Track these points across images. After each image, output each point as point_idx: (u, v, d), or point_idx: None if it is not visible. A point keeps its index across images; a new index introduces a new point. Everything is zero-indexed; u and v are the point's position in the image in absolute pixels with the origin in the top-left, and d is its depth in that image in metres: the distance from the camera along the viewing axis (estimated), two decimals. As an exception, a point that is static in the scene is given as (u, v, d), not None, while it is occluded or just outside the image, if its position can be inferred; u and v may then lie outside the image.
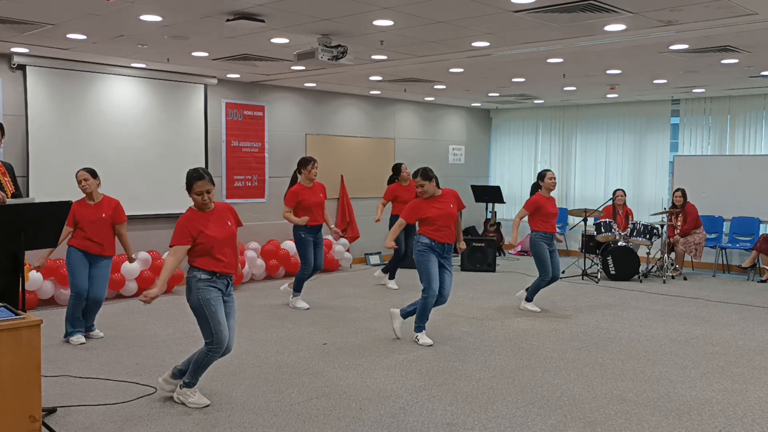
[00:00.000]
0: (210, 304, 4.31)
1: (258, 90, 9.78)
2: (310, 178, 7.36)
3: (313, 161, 7.38)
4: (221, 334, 4.34)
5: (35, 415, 3.37)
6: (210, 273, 4.34)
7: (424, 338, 6.06)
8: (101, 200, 5.99)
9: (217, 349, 4.37)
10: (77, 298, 5.92)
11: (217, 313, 4.33)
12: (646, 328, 6.76)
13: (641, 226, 9.68)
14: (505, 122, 13.50)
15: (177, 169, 8.74)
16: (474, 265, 10.36)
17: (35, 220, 4.00)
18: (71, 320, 5.99)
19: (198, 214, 4.38)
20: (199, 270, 4.33)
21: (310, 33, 6.17)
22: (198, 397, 4.49)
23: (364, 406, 4.49)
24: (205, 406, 4.46)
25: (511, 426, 4.15)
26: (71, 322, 6.00)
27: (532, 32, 6.09)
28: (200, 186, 4.31)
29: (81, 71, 7.94)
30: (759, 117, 10.58)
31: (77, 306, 5.95)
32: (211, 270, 4.33)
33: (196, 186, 4.32)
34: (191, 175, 4.37)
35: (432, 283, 5.91)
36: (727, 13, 5.33)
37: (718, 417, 4.33)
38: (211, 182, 4.36)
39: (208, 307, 4.31)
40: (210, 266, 4.33)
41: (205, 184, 4.32)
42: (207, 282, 4.33)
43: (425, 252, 5.93)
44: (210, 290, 4.32)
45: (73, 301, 5.94)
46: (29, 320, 3.38)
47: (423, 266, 5.94)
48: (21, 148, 7.58)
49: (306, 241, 7.37)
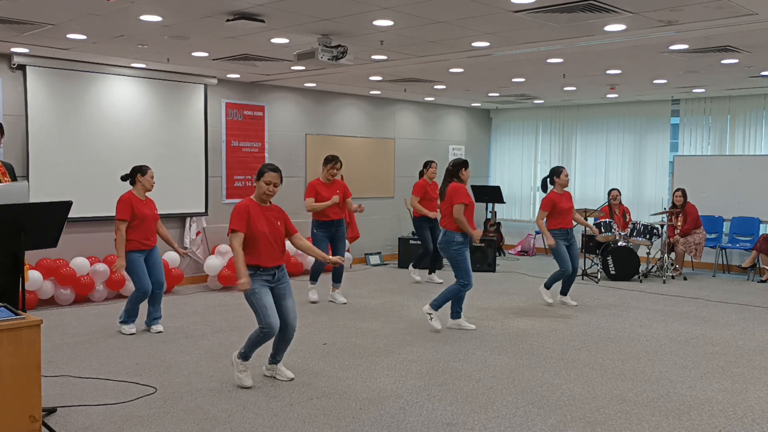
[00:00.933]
0: (255, 293, 4.60)
1: (258, 90, 9.78)
2: (327, 177, 7.56)
3: (334, 162, 7.56)
4: (269, 318, 4.61)
5: (35, 415, 3.37)
6: (254, 267, 4.61)
7: (436, 322, 6.44)
8: (147, 198, 6.37)
9: (267, 332, 4.65)
10: (142, 295, 6.27)
11: (262, 300, 4.61)
12: (646, 328, 6.76)
13: (641, 226, 9.68)
14: (505, 122, 13.50)
15: (177, 169, 8.76)
16: (474, 265, 10.30)
17: (35, 220, 3.99)
18: (130, 311, 6.35)
19: (255, 205, 4.68)
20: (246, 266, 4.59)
21: (310, 33, 6.17)
22: (244, 376, 4.82)
23: (364, 406, 4.49)
24: (247, 387, 4.77)
25: (511, 426, 4.15)
26: (129, 313, 6.36)
27: (532, 32, 6.09)
28: (271, 177, 4.67)
29: (81, 71, 7.94)
30: (759, 117, 10.58)
31: (139, 301, 6.32)
32: (254, 264, 4.61)
33: (267, 175, 4.66)
34: (266, 165, 4.75)
35: (471, 278, 6.35)
36: (727, 13, 5.33)
37: (718, 417, 4.33)
38: (281, 179, 4.72)
39: (254, 296, 4.61)
40: (253, 260, 4.61)
41: (276, 177, 4.68)
42: (251, 276, 4.58)
43: (460, 250, 6.34)
44: (254, 281, 4.59)
45: (137, 298, 6.29)
46: (29, 320, 3.38)
47: (463, 264, 6.33)
48: (21, 148, 7.58)
49: (318, 237, 7.59)
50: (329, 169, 7.52)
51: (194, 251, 9.03)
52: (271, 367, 5.04)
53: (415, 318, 7.08)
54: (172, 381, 4.98)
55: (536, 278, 9.70)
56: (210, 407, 4.44)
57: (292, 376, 5.02)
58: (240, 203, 4.68)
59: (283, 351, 4.98)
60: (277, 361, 5.02)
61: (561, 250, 7.43)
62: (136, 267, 6.20)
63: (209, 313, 7.34)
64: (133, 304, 6.33)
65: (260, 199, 4.72)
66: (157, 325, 6.47)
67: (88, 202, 7.90)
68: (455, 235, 6.30)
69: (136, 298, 6.29)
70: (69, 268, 7.55)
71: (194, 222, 9.01)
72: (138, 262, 6.21)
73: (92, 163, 8.07)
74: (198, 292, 8.55)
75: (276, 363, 5.02)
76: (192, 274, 9.08)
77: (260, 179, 4.68)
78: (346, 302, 7.81)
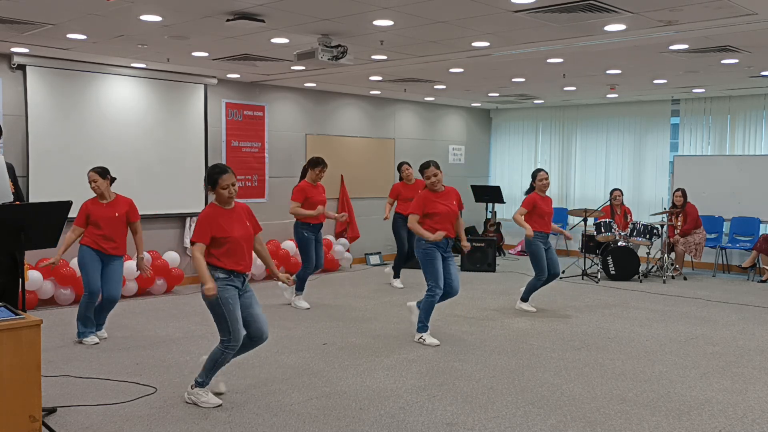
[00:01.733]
0: (228, 302, 4.34)
1: (258, 90, 9.78)
2: (314, 179, 7.48)
3: (323, 165, 7.49)
4: (238, 333, 4.37)
5: (35, 415, 3.37)
6: (228, 272, 4.37)
7: (430, 338, 6.07)
8: (114, 199, 6.01)
9: (234, 346, 4.40)
10: (90, 297, 5.87)
11: (234, 311, 4.36)
12: (646, 328, 6.76)
13: (641, 226, 9.68)
14: (505, 122, 13.50)
15: (177, 169, 8.76)
16: (474, 265, 10.36)
17: (35, 220, 3.99)
18: (83, 320, 5.94)
19: (220, 211, 4.43)
20: (218, 269, 4.37)
21: (310, 33, 6.17)
22: (210, 397, 4.50)
23: (364, 406, 4.49)
24: (217, 405, 4.46)
25: (511, 426, 4.15)
26: (83, 322, 5.95)
27: (532, 32, 6.09)
28: (226, 180, 4.39)
29: (81, 71, 7.94)
30: (759, 117, 10.58)
31: (90, 305, 5.91)
32: (230, 269, 4.37)
33: (221, 180, 4.38)
34: (214, 170, 4.43)
35: (438, 280, 5.94)
36: (727, 13, 5.33)
37: (718, 417, 4.33)
38: (234, 175, 4.44)
39: (226, 305, 4.34)
40: (229, 265, 4.37)
41: (230, 177, 4.40)
42: (225, 281, 4.36)
43: (429, 250, 5.96)
44: (228, 288, 4.35)
45: (86, 301, 5.89)
46: (29, 320, 3.38)
47: (428, 265, 5.96)
48: (21, 148, 7.58)
49: (309, 240, 7.47)
50: (318, 172, 7.45)
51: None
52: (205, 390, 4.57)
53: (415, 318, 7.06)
54: (172, 381, 4.98)
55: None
56: (210, 407, 4.44)
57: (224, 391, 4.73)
58: (204, 211, 4.43)
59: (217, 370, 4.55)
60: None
61: (540, 254, 7.21)
62: (87, 264, 5.82)
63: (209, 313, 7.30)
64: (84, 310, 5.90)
65: (224, 204, 4.46)
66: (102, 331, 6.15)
67: (88, 202, 7.90)
68: None
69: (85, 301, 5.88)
70: (69, 268, 7.55)
71: (194, 222, 9.00)
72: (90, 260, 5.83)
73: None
74: (198, 292, 8.52)
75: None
76: (192, 274, 9.07)
77: (216, 187, 4.39)
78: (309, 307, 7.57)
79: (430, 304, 6.03)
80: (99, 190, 5.91)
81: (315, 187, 7.48)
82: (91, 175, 5.92)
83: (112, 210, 5.94)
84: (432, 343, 6.02)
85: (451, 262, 6.09)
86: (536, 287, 7.43)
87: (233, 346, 4.40)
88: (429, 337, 6.08)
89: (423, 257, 5.98)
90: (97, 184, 5.90)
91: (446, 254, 6.05)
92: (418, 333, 6.12)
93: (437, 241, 5.91)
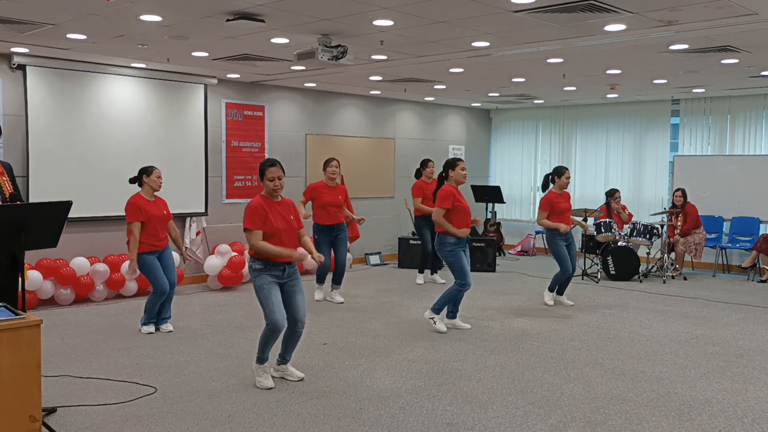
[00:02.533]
0: (263, 289, 4.66)
1: (258, 90, 9.78)
2: (330, 178, 7.64)
3: (331, 161, 7.67)
4: (274, 314, 4.65)
5: (35, 415, 3.37)
6: (264, 262, 4.65)
7: (441, 324, 6.45)
8: (156, 198, 6.40)
9: (275, 329, 4.69)
10: (160, 295, 6.27)
11: (269, 297, 4.66)
12: (646, 328, 6.76)
13: (641, 226, 9.68)
14: (505, 122, 13.50)
15: (177, 169, 8.76)
16: (474, 265, 10.34)
17: (35, 220, 3.99)
18: (149, 311, 6.36)
19: (267, 202, 4.70)
20: (256, 260, 4.68)
21: (310, 33, 6.17)
22: (264, 378, 4.84)
23: (364, 406, 4.49)
24: (269, 388, 4.78)
25: (511, 426, 4.15)
26: (149, 313, 6.36)
27: (532, 32, 6.09)
28: (273, 172, 4.68)
29: (81, 71, 7.94)
30: (759, 117, 10.58)
31: (158, 301, 6.31)
32: (263, 259, 4.65)
33: (269, 172, 4.67)
34: (264, 163, 4.75)
35: (467, 277, 6.33)
36: (727, 13, 5.32)
37: (718, 417, 4.33)
38: (282, 170, 4.73)
39: (262, 292, 4.67)
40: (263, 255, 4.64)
41: (278, 171, 4.69)
42: (260, 271, 4.67)
43: (454, 250, 6.30)
44: (263, 276, 4.66)
45: (156, 298, 6.29)
46: (29, 320, 3.38)
47: (456, 263, 6.30)
48: (21, 148, 7.58)
49: (319, 242, 7.67)
50: (326, 168, 7.63)
51: (194, 251, 9.03)
52: (280, 367, 5.03)
53: (415, 318, 7.08)
54: (172, 381, 4.98)
55: (536, 278, 9.71)
56: (210, 407, 4.45)
57: (301, 376, 5.03)
58: (253, 202, 4.70)
59: (291, 349, 4.99)
60: (286, 360, 5.02)
61: (561, 251, 7.44)
62: (152, 269, 6.24)
63: (209, 313, 7.34)
64: (152, 304, 6.33)
65: (271, 196, 4.74)
66: (167, 324, 6.49)
67: (88, 202, 7.91)
68: (447, 237, 6.27)
69: (154, 298, 6.30)
70: (69, 268, 7.55)
71: (194, 222, 9.01)
72: (153, 264, 6.25)
73: (92, 163, 8.07)
74: (198, 292, 8.55)
75: (285, 363, 5.03)
76: (192, 274, 9.08)
77: (264, 178, 4.71)
78: (343, 301, 7.83)
79: (454, 295, 6.42)
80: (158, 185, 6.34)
81: (330, 188, 7.63)
82: (159, 171, 6.41)
83: (161, 208, 6.37)
84: (440, 329, 6.40)
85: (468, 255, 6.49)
86: (560, 281, 7.67)
87: (272, 328, 4.70)
88: (440, 322, 6.43)
89: (450, 257, 6.31)
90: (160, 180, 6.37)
91: (465, 250, 6.42)
92: (431, 312, 6.47)
93: (461, 238, 6.28)
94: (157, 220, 6.25)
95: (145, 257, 6.22)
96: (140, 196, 6.26)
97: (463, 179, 6.39)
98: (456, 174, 6.37)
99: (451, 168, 6.39)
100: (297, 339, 4.95)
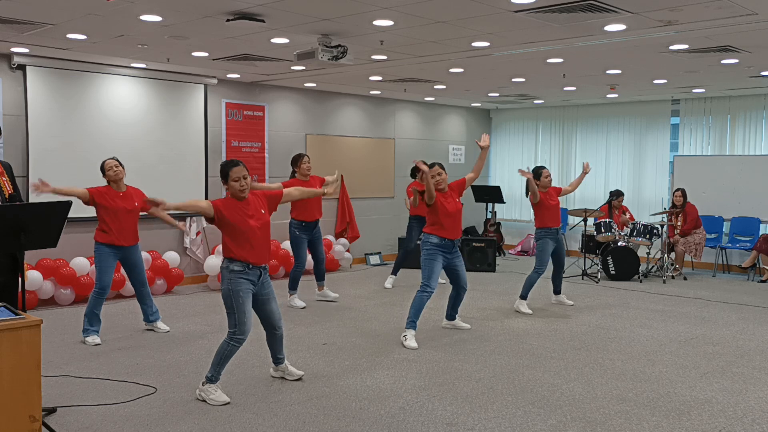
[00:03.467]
0: (239, 295, 4.44)
1: (258, 90, 9.78)
2: (305, 174, 7.45)
3: (303, 156, 7.49)
4: (245, 325, 4.48)
5: (35, 415, 3.37)
6: (243, 264, 4.46)
7: (411, 340, 5.98)
8: (127, 190, 6.07)
9: (240, 339, 4.50)
10: (100, 294, 5.93)
11: (244, 305, 4.46)
12: (646, 328, 6.76)
13: (641, 226, 9.68)
14: (505, 122, 13.50)
15: (177, 169, 8.76)
16: (474, 265, 10.36)
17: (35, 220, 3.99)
18: (90, 317, 5.95)
19: (234, 203, 4.51)
20: (233, 261, 4.46)
21: (310, 33, 6.17)
22: (218, 395, 4.54)
23: (364, 406, 4.49)
24: (225, 403, 4.50)
25: (511, 426, 4.15)
26: (90, 320, 5.96)
27: (532, 32, 6.09)
28: (237, 172, 4.46)
29: (81, 71, 7.94)
30: (759, 117, 10.58)
31: (98, 302, 5.95)
32: (245, 260, 4.46)
33: (233, 173, 4.46)
34: (226, 164, 4.54)
35: (432, 282, 6.02)
36: (727, 13, 5.32)
37: (718, 417, 4.33)
38: (245, 168, 4.52)
39: (237, 298, 4.44)
40: (244, 257, 4.46)
41: (242, 170, 4.48)
42: (239, 273, 4.45)
43: (432, 251, 6.06)
44: (240, 282, 4.45)
45: (96, 297, 5.93)
46: (29, 320, 3.38)
47: (428, 263, 6.05)
48: (21, 148, 7.58)
49: (300, 240, 7.51)
50: (301, 165, 7.39)
51: (194, 251, 9.03)
52: (279, 367, 5.00)
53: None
54: (172, 381, 4.98)
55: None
56: (210, 407, 4.44)
57: (301, 374, 5.02)
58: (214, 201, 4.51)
59: (280, 348, 4.92)
60: (281, 359, 4.97)
61: (547, 249, 7.34)
62: (101, 261, 5.89)
63: (209, 313, 7.33)
64: (92, 306, 5.92)
65: (237, 197, 4.52)
66: (159, 322, 6.42)
67: (88, 202, 7.90)
68: (430, 236, 6.08)
69: (95, 298, 5.91)
70: (69, 268, 7.55)
71: (194, 222, 9.01)
72: (106, 258, 5.90)
73: (92, 163, 8.03)
74: (198, 292, 8.55)
75: (281, 362, 4.99)
76: (192, 274, 9.08)
77: (228, 179, 4.47)
78: (337, 296, 7.79)
79: (420, 301, 6.04)
80: (120, 175, 6.00)
81: (306, 183, 7.38)
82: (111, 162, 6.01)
83: (130, 201, 6.03)
84: (411, 345, 5.92)
85: (459, 261, 6.23)
86: (532, 284, 7.44)
87: (238, 338, 4.49)
88: (411, 338, 6.00)
89: (425, 256, 6.08)
90: (118, 170, 6.00)
91: (452, 255, 6.15)
92: (406, 328, 6.08)
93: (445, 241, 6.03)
94: (122, 212, 5.90)
95: (102, 247, 5.91)
96: (109, 186, 5.99)
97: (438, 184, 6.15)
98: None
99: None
100: (281, 339, 4.86)
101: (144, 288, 6.26)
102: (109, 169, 5.99)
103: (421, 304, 6.05)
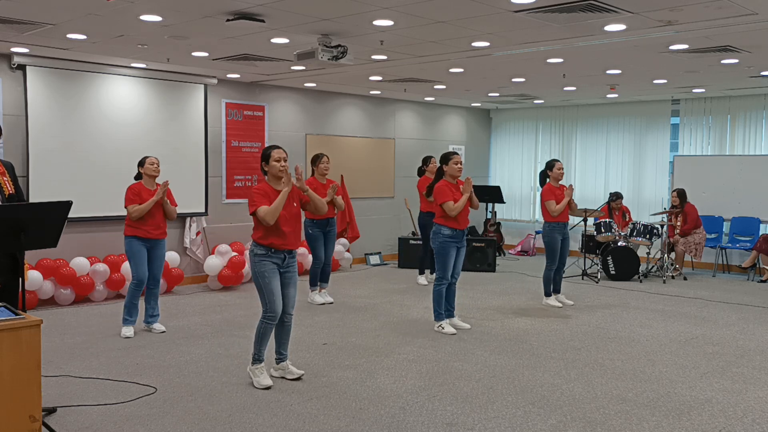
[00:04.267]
0: (264, 276, 4.70)
1: (258, 90, 9.78)
2: (323, 173, 7.63)
3: (323, 156, 7.66)
4: (274, 304, 4.72)
5: (35, 415, 3.37)
6: (266, 248, 4.69)
7: (448, 327, 6.44)
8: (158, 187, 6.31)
9: (272, 317, 4.76)
10: (138, 286, 6.17)
11: (270, 284, 4.71)
12: (646, 328, 6.76)
13: (641, 226, 9.68)
14: (505, 122, 13.50)
15: (177, 169, 8.75)
16: (474, 265, 10.36)
17: (35, 220, 3.99)
18: (129, 307, 6.26)
19: (271, 189, 4.75)
20: (258, 245, 4.72)
21: (310, 33, 6.17)
22: (263, 377, 4.83)
23: (364, 406, 4.49)
24: (267, 387, 4.77)
25: (511, 426, 4.15)
26: (129, 310, 6.26)
27: (532, 32, 6.09)
28: (278, 153, 4.78)
29: (81, 71, 7.94)
30: (759, 117, 10.58)
31: (136, 293, 6.22)
32: (269, 244, 4.68)
33: (274, 153, 4.77)
34: (268, 147, 4.86)
35: (446, 272, 6.32)
36: (727, 13, 5.32)
37: (718, 417, 4.33)
38: (285, 152, 4.82)
39: (263, 278, 4.71)
40: (270, 240, 4.68)
41: (282, 153, 4.80)
42: (262, 257, 4.70)
43: (445, 244, 6.28)
44: (264, 264, 4.70)
45: (133, 289, 6.19)
46: (29, 320, 3.38)
47: (443, 257, 6.29)
48: (21, 148, 7.58)
49: (314, 236, 7.69)
50: (318, 164, 7.57)
51: (194, 251, 9.03)
52: (280, 366, 5.04)
53: (415, 318, 7.08)
54: (172, 381, 4.98)
55: (536, 278, 9.70)
56: (210, 407, 4.45)
57: (301, 373, 5.04)
58: (258, 185, 4.76)
59: (285, 343, 5.00)
60: (284, 357, 5.03)
61: (555, 245, 7.49)
62: (135, 254, 6.13)
63: (209, 313, 7.34)
64: (131, 297, 6.22)
65: (275, 181, 4.78)
66: (157, 323, 6.46)
67: (88, 202, 7.91)
68: (442, 228, 6.28)
69: (133, 289, 6.19)
70: (69, 268, 7.55)
71: (194, 222, 9.01)
72: (138, 251, 6.14)
73: (92, 163, 8.07)
74: (198, 292, 8.55)
75: (283, 360, 5.03)
76: (192, 274, 9.08)
77: (269, 160, 4.77)
78: (332, 301, 7.84)
79: (439, 293, 6.40)
80: (159, 172, 6.29)
81: (323, 185, 7.56)
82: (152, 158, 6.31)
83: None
84: (449, 331, 6.38)
85: (462, 252, 6.46)
86: (550, 278, 7.68)
87: (270, 316, 4.75)
88: (447, 326, 6.44)
89: (439, 249, 6.30)
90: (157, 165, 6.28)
91: (460, 245, 6.40)
92: (436, 322, 6.48)
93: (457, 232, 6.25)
94: (154, 207, 6.16)
95: (133, 241, 6.14)
96: (140, 184, 6.24)
97: (457, 173, 6.42)
98: (450, 168, 6.41)
99: (445, 163, 6.46)
100: (288, 331, 4.98)
101: (155, 288, 6.41)
102: (151, 164, 6.28)
103: (440, 296, 6.42)
